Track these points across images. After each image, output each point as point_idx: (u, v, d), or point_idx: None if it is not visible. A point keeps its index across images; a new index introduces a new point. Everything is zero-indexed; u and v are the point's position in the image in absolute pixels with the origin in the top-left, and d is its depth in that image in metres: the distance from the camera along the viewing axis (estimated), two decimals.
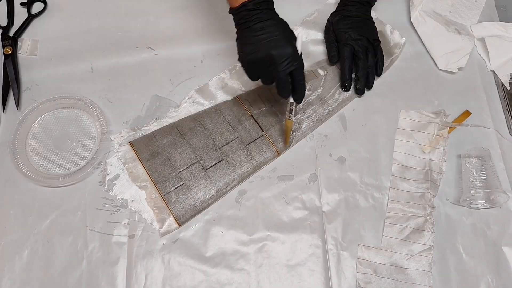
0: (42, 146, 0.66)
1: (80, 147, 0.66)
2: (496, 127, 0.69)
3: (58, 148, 0.66)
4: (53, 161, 0.65)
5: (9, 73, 0.70)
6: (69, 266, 0.59)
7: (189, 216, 0.62)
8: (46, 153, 0.66)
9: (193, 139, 0.66)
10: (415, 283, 0.59)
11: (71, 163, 0.65)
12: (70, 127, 0.67)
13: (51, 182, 0.63)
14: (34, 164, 0.65)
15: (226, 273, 0.59)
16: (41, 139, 0.66)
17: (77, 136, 0.67)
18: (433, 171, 0.65)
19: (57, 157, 0.65)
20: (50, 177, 0.63)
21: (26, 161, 0.64)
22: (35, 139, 0.66)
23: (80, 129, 0.67)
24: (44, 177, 0.63)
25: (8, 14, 0.76)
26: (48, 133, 0.67)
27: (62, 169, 0.65)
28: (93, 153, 0.65)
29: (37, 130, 0.67)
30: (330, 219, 0.62)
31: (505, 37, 0.74)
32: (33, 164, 0.65)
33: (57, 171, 0.64)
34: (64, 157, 0.65)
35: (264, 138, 0.67)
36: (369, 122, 0.69)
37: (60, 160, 0.65)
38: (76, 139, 0.66)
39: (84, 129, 0.67)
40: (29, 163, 0.64)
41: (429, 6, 0.77)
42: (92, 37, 0.74)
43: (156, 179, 0.63)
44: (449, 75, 0.73)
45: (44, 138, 0.67)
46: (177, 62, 0.73)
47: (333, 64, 0.72)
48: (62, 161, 0.65)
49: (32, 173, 0.62)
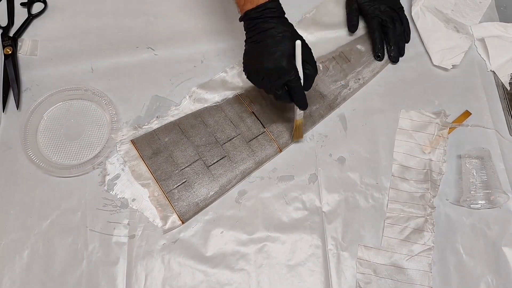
0: (52, 136, 0.67)
1: (90, 137, 0.67)
2: (496, 127, 0.69)
3: (68, 138, 0.67)
4: (64, 152, 0.66)
5: (9, 73, 0.70)
6: (69, 266, 0.59)
7: (192, 213, 0.62)
8: (57, 143, 0.66)
9: (195, 137, 0.66)
10: (415, 283, 0.59)
11: (82, 153, 0.66)
12: (79, 117, 0.68)
13: (63, 172, 0.63)
14: (45, 155, 0.65)
15: (226, 273, 0.59)
16: (51, 130, 0.67)
17: (88, 126, 0.68)
18: (433, 172, 0.65)
19: (68, 148, 0.66)
20: (62, 167, 0.64)
21: (37, 152, 0.65)
22: (46, 130, 0.67)
23: (90, 119, 0.68)
24: (56, 168, 0.64)
25: (8, 14, 0.76)
26: (58, 124, 0.68)
27: (74, 160, 0.65)
28: (105, 142, 0.66)
29: (46, 122, 0.68)
30: (330, 219, 0.62)
31: (505, 37, 0.74)
32: (44, 154, 0.65)
33: (68, 161, 0.65)
34: (75, 148, 0.66)
35: (265, 134, 0.67)
36: (369, 122, 0.69)
37: (71, 151, 0.66)
38: (87, 129, 0.67)
39: (94, 119, 0.68)
40: (40, 154, 0.65)
41: (431, 2, 0.77)
42: (92, 37, 0.74)
43: (159, 177, 0.63)
44: (449, 75, 0.73)
45: (54, 129, 0.67)
46: (177, 62, 0.73)
47: (352, 32, 0.75)
48: (73, 152, 0.66)
49: (44, 164, 0.63)
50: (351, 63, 0.73)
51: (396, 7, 0.74)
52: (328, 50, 0.74)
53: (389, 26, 0.71)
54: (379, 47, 0.72)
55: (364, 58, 0.73)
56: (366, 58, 0.73)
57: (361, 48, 0.74)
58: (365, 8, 0.73)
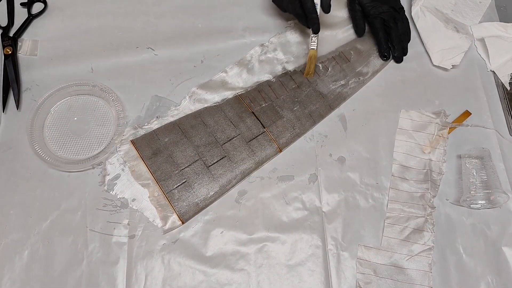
0: (59, 131, 0.67)
1: (96, 132, 0.67)
2: (496, 127, 0.69)
3: (75, 133, 0.67)
4: (71, 147, 0.66)
5: (9, 73, 0.70)
6: (69, 266, 0.59)
7: (192, 214, 0.62)
8: (63, 138, 0.67)
9: (194, 137, 0.66)
10: (415, 283, 0.59)
11: (88, 149, 0.66)
12: (86, 113, 0.69)
13: (69, 167, 0.64)
14: (52, 149, 0.66)
15: (226, 274, 0.59)
16: (57, 125, 0.68)
17: (94, 122, 0.68)
18: (433, 172, 0.65)
19: (74, 143, 0.67)
20: (68, 162, 0.64)
21: (43, 146, 0.65)
22: (52, 125, 0.68)
23: (96, 115, 0.69)
24: (62, 162, 0.64)
25: (8, 14, 0.76)
26: (65, 119, 0.68)
27: (80, 155, 0.66)
28: (110, 137, 0.66)
29: (53, 117, 0.68)
30: (330, 219, 0.62)
31: (505, 37, 0.74)
32: (51, 149, 0.66)
33: (74, 156, 0.66)
34: (81, 143, 0.67)
35: (265, 134, 0.67)
36: (369, 122, 0.69)
37: (77, 146, 0.66)
38: (93, 125, 0.68)
39: (100, 115, 0.69)
40: (46, 149, 0.65)
41: (431, 2, 0.77)
42: (92, 37, 0.74)
43: (159, 177, 0.64)
44: (449, 75, 0.73)
45: (60, 124, 0.68)
46: (177, 62, 0.73)
47: (360, 36, 0.75)
48: (79, 147, 0.66)
49: (50, 158, 0.64)
50: (351, 63, 0.73)
51: (397, 7, 0.74)
52: (328, 50, 0.74)
53: (391, 26, 0.72)
54: (385, 47, 0.72)
55: (363, 58, 0.73)
56: (366, 58, 0.73)
57: (361, 48, 0.74)
58: (367, 9, 0.73)
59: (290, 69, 0.72)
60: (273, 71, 0.72)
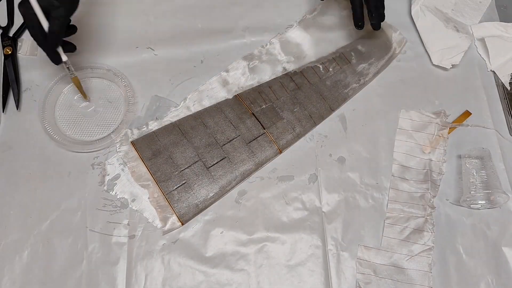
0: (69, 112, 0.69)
1: (106, 115, 0.68)
2: (496, 127, 0.69)
3: (85, 115, 0.68)
4: (80, 128, 0.67)
5: (9, 73, 0.70)
6: (69, 267, 0.59)
7: (192, 215, 0.62)
8: (74, 119, 0.68)
9: (194, 138, 0.66)
10: (415, 283, 0.59)
11: (98, 131, 0.67)
12: (98, 95, 0.70)
13: (77, 147, 0.65)
14: (62, 129, 0.67)
15: (226, 274, 0.59)
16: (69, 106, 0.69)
17: (104, 105, 0.69)
18: (433, 172, 0.65)
19: (84, 124, 0.68)
20: (77, 143, 0.66)
21: (54, 126, 0.66)
22: (63, 106, 0.69)
23: (107, 98, 0.70)
24: (71, 142, 0.65)
25: (8, 14, 0.75)
26: (75, 100, 0.69)
27: (89, 136, 0.67)
28: (119, 122, 0.67)
29: (66, 96, 0.70)
30: (330, 220, 0.62)
31: (505, 37, 0.74)
32: (61, 129, 0.67)
33: (83, 137, 0.67)
34: (90, 124, 0.68)
35: (265, 135, 0.67)
36: (369, 122, 0.69)
37: (87, 127, 0.67)
38: (103, 108, 0.69)
39: (111, 99, 0.70)
40: (57, 128, 0.67)
41: (431, 1, 0.77)
42: (92, 37, 0.74)
43: (159, 178, 0.63)
44: (450, 75, 0.72)
45: (71, 104, 0.69)
46: (177, 62, 0.72)
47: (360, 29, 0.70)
48: (89, 128, 0.67)
49: (59, 137, 0.65)
50: (352, 64, 0.73)
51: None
52: (329, 51, 0.74)
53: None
54: (359, 16, 0.68)
55: (364, 59, 0.73)
56: (367, 59, 0.73)
57: (362, 49, 0.74)
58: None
59: (291, 69, 0.72)
60: (274, 72, 0.72)
